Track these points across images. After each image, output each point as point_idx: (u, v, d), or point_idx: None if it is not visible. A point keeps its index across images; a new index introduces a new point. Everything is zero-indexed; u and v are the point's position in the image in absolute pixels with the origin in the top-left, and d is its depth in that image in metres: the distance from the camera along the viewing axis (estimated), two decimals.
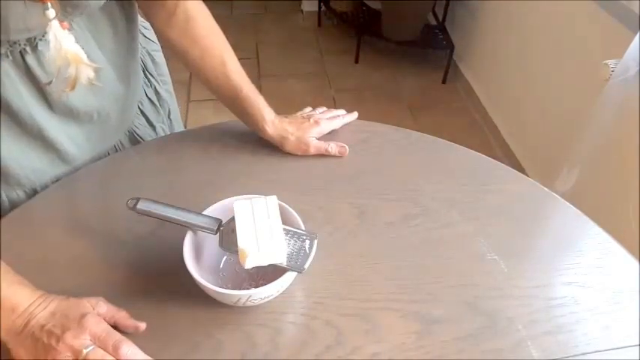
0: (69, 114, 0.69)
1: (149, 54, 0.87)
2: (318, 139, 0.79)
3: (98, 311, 0.54)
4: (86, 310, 0.53)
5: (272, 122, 0.76)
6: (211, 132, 0.80)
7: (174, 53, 0.75)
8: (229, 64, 0.74)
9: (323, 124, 0.78)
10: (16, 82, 0.62)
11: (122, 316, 0.55)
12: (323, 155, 0.79)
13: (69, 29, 0.54)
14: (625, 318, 0.59)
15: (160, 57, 0.91)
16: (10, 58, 0.60)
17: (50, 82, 0.59)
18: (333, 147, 0.78)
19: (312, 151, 0.77)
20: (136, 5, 0.75)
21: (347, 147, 0.78)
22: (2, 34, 0.56)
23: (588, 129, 1.37)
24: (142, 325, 0.55)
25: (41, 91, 0.65)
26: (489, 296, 0.61)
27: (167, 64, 0.93)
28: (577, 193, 1.31)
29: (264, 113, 0.76)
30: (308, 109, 0.84)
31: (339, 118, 0.82)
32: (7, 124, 0.65)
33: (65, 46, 0.53)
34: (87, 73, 0.55)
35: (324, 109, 0.84)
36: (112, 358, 0.50)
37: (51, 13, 0.52)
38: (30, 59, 0.61)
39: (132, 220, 0.64)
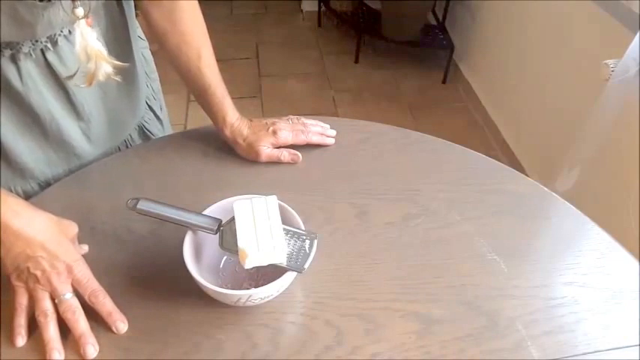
0: (82, 110, 0.71)
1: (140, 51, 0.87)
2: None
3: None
4: (76, 258, 0.56)
5: (231, 125, 0.76)
6: (211, 132, 0.80)
7: (154, 35, 0.75)
8: (204, 58, 0.74)
9: (280, 136, 0.77)
10: (38, 84, 0.63)
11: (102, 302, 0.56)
12: (323, 155, 0.79)
13: (91, 26, 0.55)
14: (625, 318, 0.59)
15: (147, 54, 0.91)
16: (33, 56, 0.61)
17: (73, 76, 0.59)
18: (285, 155, 0.77)
19: (263, 158, 0.76)
20: None
21: (300, 155, 0.77)
22: (29, 36, 0.58)
23: (588, 129, 1.37)
24: (122, 327, 0.56)
25: (61, 88, 0.66)
26: (489, 296, 0.61)
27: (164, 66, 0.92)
28: (577, 193, 1.30)
29: (227, 115, 0.76)
30: (300, 119, 0.82)
31: (316, 135, 0.80)
32: (27, 122, 0.66)
33: (91, 43, 0.54)
34: (106, 69, 0.56)
35: (316, 122, 0.82)
36: (82, 313, 0.54)
37: (80, 11, 0.53)
38: (51, 56, 0.62)
39: (132, 220, 0.64)
